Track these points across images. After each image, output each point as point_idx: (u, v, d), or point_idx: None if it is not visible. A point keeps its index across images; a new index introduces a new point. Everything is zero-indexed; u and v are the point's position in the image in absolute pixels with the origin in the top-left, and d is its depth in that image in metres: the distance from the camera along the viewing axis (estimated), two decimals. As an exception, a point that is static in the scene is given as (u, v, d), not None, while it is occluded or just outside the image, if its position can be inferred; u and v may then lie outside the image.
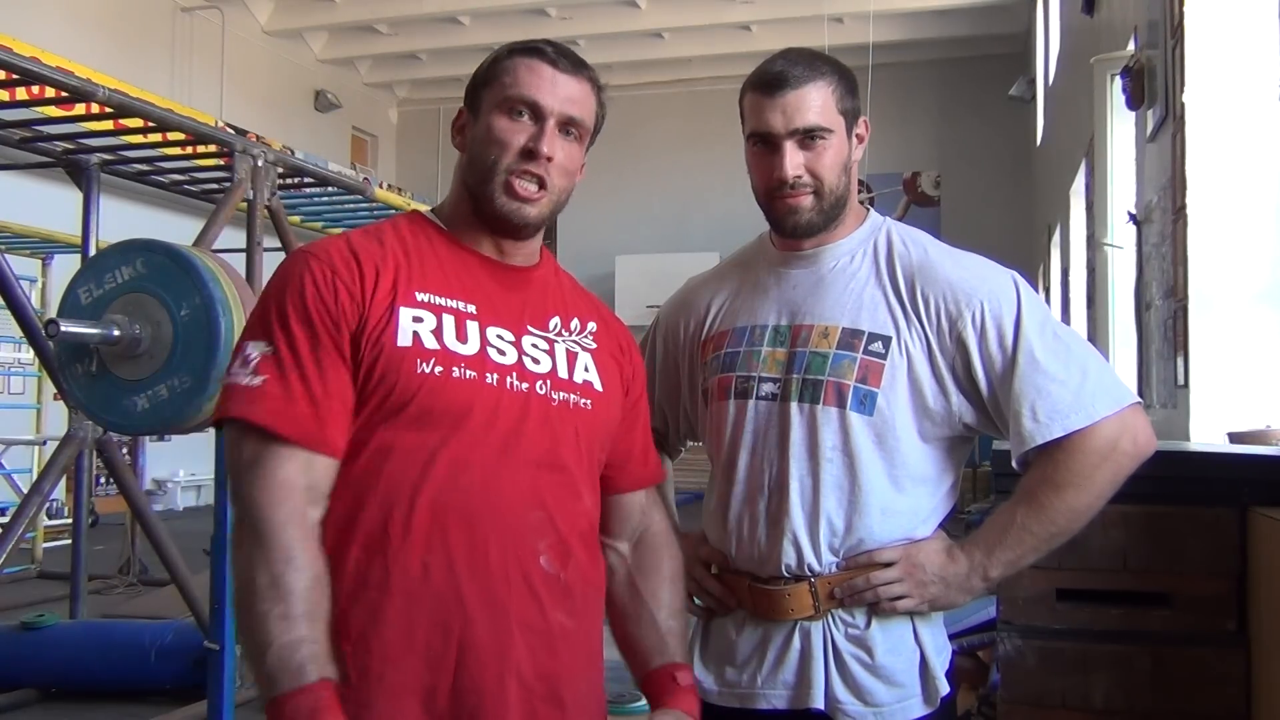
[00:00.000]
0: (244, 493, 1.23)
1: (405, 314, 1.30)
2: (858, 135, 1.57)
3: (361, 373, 1.27)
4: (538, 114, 1.35)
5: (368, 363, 1.27)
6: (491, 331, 1.34)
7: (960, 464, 1.58)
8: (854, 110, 1.55)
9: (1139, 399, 1.51)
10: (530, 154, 1.34)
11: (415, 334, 1.29)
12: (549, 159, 1.34)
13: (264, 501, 1.21)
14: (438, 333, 1.30)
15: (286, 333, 1.26)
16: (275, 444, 1.23)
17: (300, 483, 1.23)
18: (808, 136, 1.50)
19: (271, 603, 1.17)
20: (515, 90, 1.35)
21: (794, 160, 1.50)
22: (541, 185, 1.35)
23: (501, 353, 1.33)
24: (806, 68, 1.51)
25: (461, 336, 1.31)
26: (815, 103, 1.50)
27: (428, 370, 1.28)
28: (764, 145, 1.52)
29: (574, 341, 1.42)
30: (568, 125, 1.37)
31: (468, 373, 1.30)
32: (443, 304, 1.32)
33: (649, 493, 1.54)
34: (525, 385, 1.33)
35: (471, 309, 1.34)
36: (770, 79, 1.51)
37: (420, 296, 1.32)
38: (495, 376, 1.31)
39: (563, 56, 1.38)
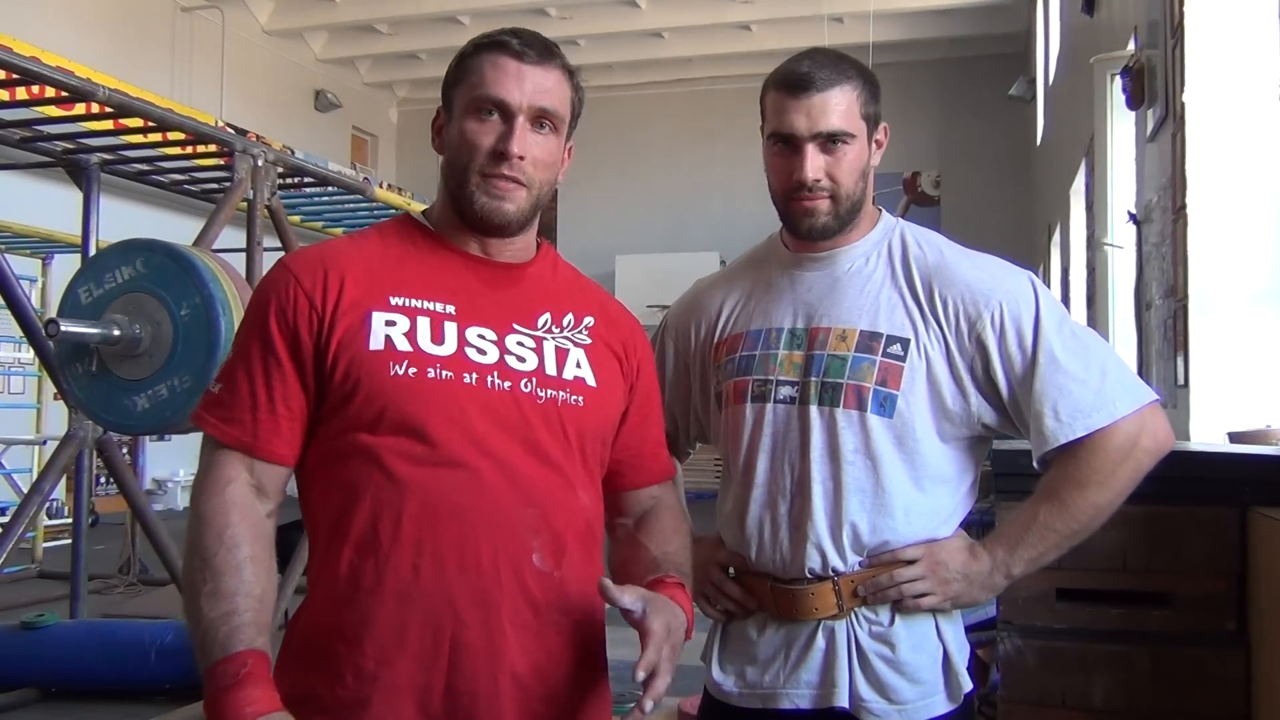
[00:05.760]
0: (194, 488, 1.31)
1: (378, 319, 1.30)
2: (877, 141, 1.56)
3: (336, 379, 1.28)
4: (506, 112, 1.33)
5: (342, 369, 1.28)
6: (471, 332, 1.33)
7: (979, 463, 1.58)
8: (876, 116, 1.54)
9: (1157, 396, 1.51)
10: (501, 155, 1.32)
11: (388, 337, 1.29)
12: (520, 158, 1.33)
13: (203, 491, 1.29)
14: (411, 335, 1.30)
15: (244, 340, 1.34)
16: (219, 447, 1.30)
17: (241, 477, 1.29)
18: (829, 140, 1.49)
19: (201, 581, 1.22)
20: (481, 90, 1.33)
21: (814, 163, 1.49)
22: (518, 183, 1.34)
23: (482, 352, 1.32)
24: (833, 70, 1.50)
25: (437, 338, 1.31)
26: (839, 107, 1.48)
27: (401, 372, 1.28)
28: (785, 146, 1.51)
29: (565, 338, 1.40)
30: (540, 118, 1.35)
31: (444, 373, 1.29)
32: (418, 306, 1.32)
33: (659, 485, 1.53)
34: (508, 384, 1.32)
35: (450, 310, 1.33)
36: (795, 80, 1.49)
37: (394, 300, 1.32)
38: (474, 376, 1.30)
39: (529, 48, 1.35)
